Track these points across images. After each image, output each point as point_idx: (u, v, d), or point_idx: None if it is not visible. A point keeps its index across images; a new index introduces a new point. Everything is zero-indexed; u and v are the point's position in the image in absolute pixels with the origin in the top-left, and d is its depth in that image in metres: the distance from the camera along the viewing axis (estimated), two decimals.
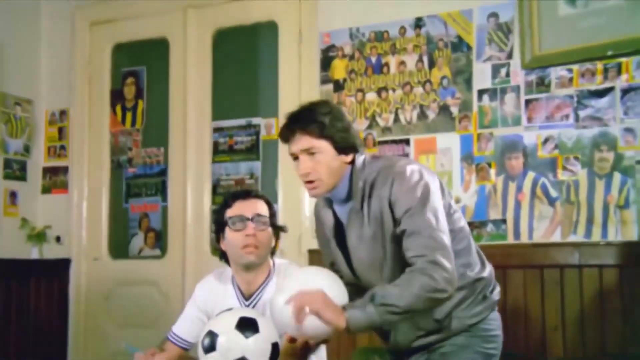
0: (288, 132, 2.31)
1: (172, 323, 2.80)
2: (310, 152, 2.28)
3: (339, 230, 2.40)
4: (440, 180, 2.38)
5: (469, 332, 2.35)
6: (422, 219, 2.18)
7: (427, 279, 2.10)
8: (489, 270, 2.43)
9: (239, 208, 2.61)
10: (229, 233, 2.61)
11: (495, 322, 2.41)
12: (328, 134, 2.27)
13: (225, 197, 2.74)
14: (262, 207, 2.64)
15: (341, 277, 2.34)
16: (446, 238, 2.19)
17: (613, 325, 3.49)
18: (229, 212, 2.62)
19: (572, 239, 3.65)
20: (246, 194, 2.68)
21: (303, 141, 2.28)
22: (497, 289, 2.44)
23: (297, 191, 4.25)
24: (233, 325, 2.12)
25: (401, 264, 2.22)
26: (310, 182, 2.30)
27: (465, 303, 2.33)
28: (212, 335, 2.13)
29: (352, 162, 2.32)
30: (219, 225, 2.65)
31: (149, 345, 2.58)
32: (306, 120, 2.28)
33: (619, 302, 3.49)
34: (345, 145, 2.29)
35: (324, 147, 2.27)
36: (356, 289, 2.35)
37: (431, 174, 2.33)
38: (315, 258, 4.13)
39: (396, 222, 2.23)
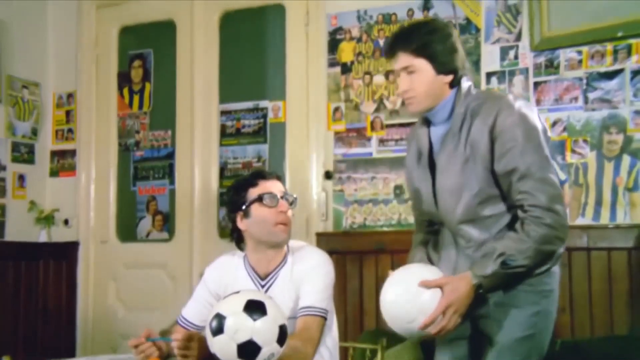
0: (390, 50, 2.36)
1: (180, 306, 2.81)
2: (409, 70, 2.32)
3: (430, 154, 2.40)
4: (544, 124, 2.33)
5: (530, 284, 2.26)
6: (531, 158, 2.19)
7: (546, 229, 2.14)
8: None
9: (266, 186, 2.60)
10: (257, 210, 2.57)
11: (554, 276, 2.33)
12: (427, 54, 2.30)
13: (245, 176, 2.72)
14: (284, 188, 2.65)
15: (421, 204, 2.43)
16: (555, 178, 2.20)
17: (621, 308, 3.49)
18: (256, 191, 2.59)
19: (580, 221, 3.64)
20: (268, 174, 2.67)
21: (402, 59, 2.33)
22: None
23: (305, 174, 4.25)
24: (241, 307, 2.13)
25: (482, 195, 2.24)
26: (408, 98, 2.36)
27: None
28: (219, 317, 2.13)
29: (454, 85, 2.33)
30: (240, 203, 2.61)
31: (157, 329, 2.59)
32: (406, 39, 2.33)
33: (627, 285, 3.49)
34: (445, 65, 2.31)
35: (423, 66, 2.31)
36: (430, 225, 2.48)
37: (537, 115, 2.31)
38: (322, 241, 4.12)
39: (495, 154, 2.22)
